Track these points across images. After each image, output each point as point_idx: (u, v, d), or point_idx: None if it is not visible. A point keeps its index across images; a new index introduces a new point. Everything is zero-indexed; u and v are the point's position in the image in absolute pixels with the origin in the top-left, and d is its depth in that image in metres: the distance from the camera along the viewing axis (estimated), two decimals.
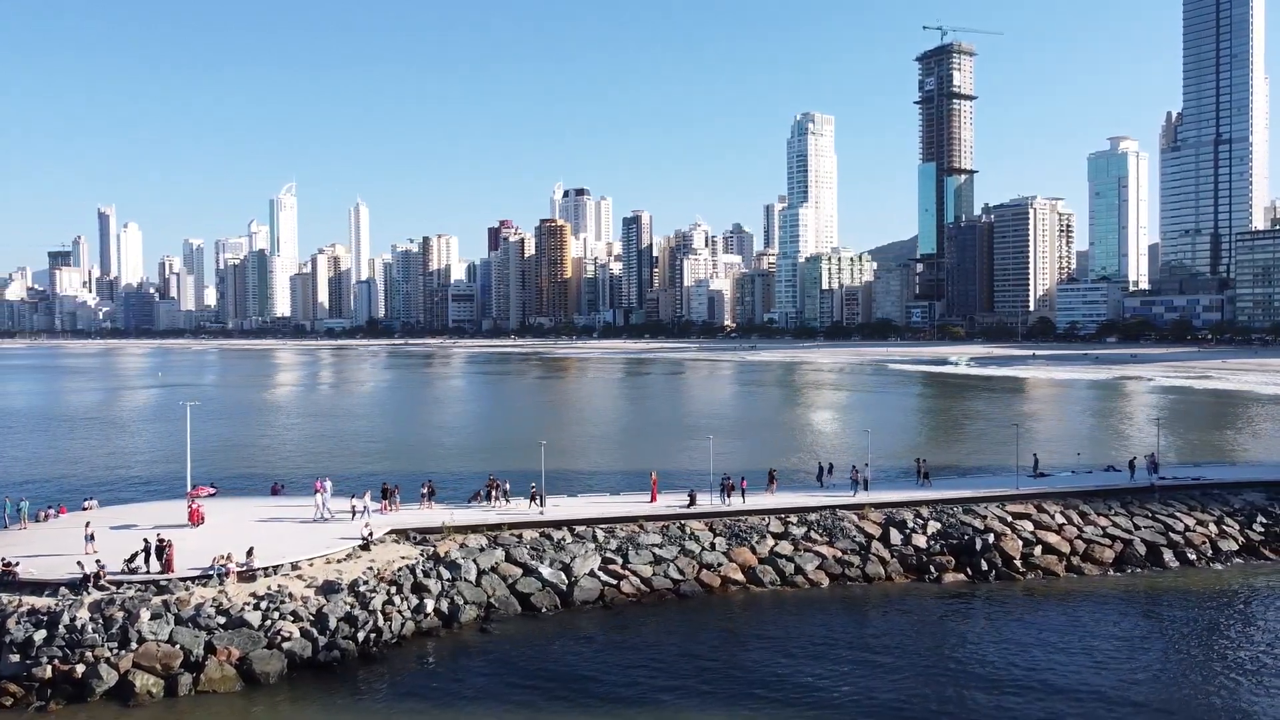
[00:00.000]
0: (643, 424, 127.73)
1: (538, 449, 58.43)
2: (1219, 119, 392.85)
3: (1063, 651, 39.99)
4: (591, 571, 47.24)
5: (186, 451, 58.06)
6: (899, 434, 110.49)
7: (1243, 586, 49.48)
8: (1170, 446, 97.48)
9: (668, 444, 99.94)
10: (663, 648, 40.06)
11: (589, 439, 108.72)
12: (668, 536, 51.04)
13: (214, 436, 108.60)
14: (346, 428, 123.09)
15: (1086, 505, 57.35)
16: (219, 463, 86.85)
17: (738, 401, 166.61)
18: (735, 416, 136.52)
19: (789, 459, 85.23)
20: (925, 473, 61.62)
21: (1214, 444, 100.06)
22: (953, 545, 52.40)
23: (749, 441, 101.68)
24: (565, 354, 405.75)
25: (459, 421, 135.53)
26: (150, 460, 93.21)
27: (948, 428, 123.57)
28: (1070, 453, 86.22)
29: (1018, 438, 71.08)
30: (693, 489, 55.15)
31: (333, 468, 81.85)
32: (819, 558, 50.48)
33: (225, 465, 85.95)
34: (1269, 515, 57.58)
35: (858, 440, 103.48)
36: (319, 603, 40.19)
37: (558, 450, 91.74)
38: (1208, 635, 42.34)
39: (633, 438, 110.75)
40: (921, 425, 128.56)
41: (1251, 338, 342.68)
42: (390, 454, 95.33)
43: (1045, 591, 48.71)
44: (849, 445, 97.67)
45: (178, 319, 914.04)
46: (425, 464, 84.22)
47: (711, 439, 72.25)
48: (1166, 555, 53.69)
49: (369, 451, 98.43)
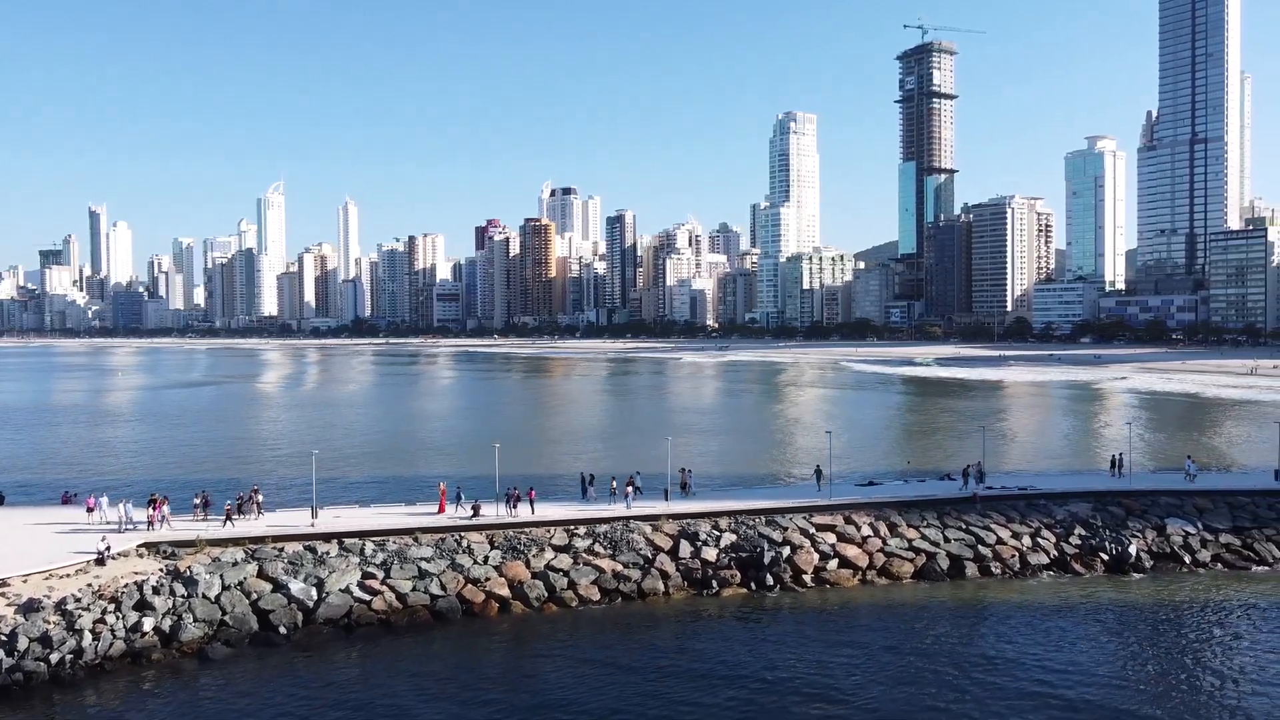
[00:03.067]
0: (532, 428, 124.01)
1: (396, 453, 56.92)
2: (1195, 118, 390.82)
3: (803, 661, 39.37)
4: (346, 587, 45.58)
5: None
6: (787, 438, 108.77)
7: (1027, 601, 47.79)
8: (1065, 450, 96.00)
9: (539, 449, 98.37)
10: (371, 681, 38.03)
11: (459, 443, 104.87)
12: (442, 549, 49.39)
13: (68, 440, 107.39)
14: (208, 434, 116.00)
15: (901, 516, 55.69)
16: (29, 470, 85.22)
17: (649, 404, 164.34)
18: (630, 420, 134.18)
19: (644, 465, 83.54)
20: (685, 483, 59.19)
21: (1099, 448, 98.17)
22: (742, 558, 50.77)
23: (622, 445, 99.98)
24: (539, 354, 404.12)
25: (349, 423, 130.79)
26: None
27: (842, 431, 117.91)
28: (946, 458, 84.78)
29: (895, 442, 69.59)
30: (478, 500, 53.41)
31: (162, 476, 79.76)
32: (597, 572, 48.82)
33: (34, 472, 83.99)
34: (1088, 527, 55.91)
35: (728, 445, 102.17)
36: (15, 622, 38.55)
37: (410, 455, 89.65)
38: (956, 649, 40.75)
39: (508, 443, 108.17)
40: (814, 429, 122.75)
41: (1224, 338, 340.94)
42: (224, 460, 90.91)
43: (820, 605, 47.11)
44: (715, 451, 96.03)
45: (166, 318, 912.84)
46: (253, 470, 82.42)
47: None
48: (970, 569, 52.15)
49: (202, 458, 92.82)
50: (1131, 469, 67.86)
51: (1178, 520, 57.05)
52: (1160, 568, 53.33)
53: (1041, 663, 39.11)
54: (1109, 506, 58.37)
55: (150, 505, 50.80)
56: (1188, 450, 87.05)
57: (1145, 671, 38.76)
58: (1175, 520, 57.05)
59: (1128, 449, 77.82)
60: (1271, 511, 58.35)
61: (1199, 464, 72.11)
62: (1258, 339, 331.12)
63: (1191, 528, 56.46)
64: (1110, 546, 54.05)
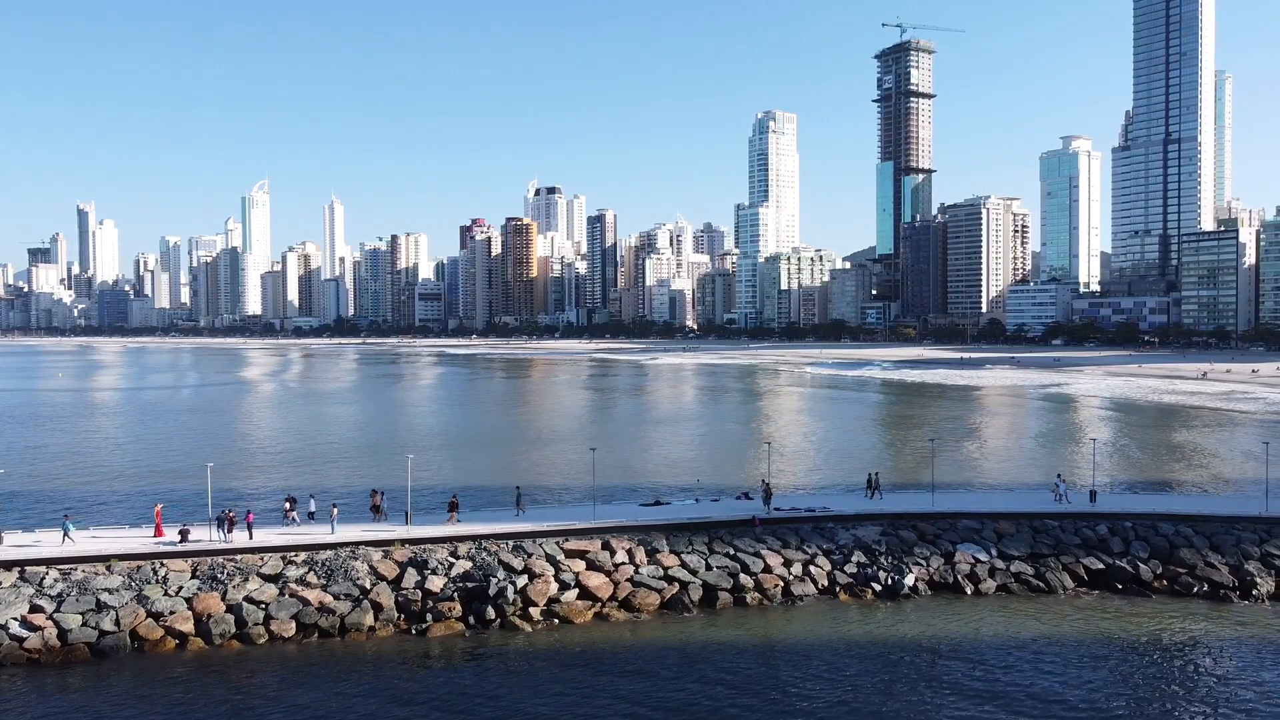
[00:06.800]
0: (412, 435, 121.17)
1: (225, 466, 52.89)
2: (1169, 118, 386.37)
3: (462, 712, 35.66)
4: (4, 623, 41.63)
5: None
6: (640, 450, 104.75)
7: (770, 635, 43.84)
8: (915, 465, 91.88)
9: (395, 459, 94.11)
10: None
11: (318, 455, 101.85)
12: (133, 580, 45.39)
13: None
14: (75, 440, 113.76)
15: (667, 541, 51.69)
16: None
17: (559, 410, 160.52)
18: (520, 428, 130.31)
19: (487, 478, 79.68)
20: (379, 506, 54.69)
21: (981, 461, 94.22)
22: (469, 589, 46.77)
23: (483, 458, 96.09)
24: (511, 354, 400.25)
25: (245, 432, 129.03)
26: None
27: (699, 442, 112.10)
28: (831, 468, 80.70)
29: (767, 454, 65.49)
30: (186, 525, 49.40)
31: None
32: (300, 604, 44.82)
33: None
34: (869, 554, 51.93)
35: (565, 457, 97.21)
36: None
37: (179, 473, 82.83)
38: (653, 694, 36.76)
39: (384, 453, 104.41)
40: (666, 440, 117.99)
41: (1194, 341, 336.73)
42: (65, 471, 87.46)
43: (528, 646, 42.93)
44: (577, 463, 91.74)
45: (151, 317, 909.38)
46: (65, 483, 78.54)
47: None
48: (723, 599, 48.21)
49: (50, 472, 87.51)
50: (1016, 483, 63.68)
51: (970, 547, 53.08)
52: (938, 597, 49.42)
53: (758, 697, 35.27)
54: (900, 530, 54.37)
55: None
56: (1059, 467, 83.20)
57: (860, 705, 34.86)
58: (968, 546, 53.08)
59: (1013, 462, 73.88)
60: (1076, 537, 54.32)
61: (1069, 483, 67.92)
62: (1227, 341, 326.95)
63: (984, 554, 52.50)
64: (885, 576, 50.10)
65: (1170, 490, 77.13)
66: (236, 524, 48.92)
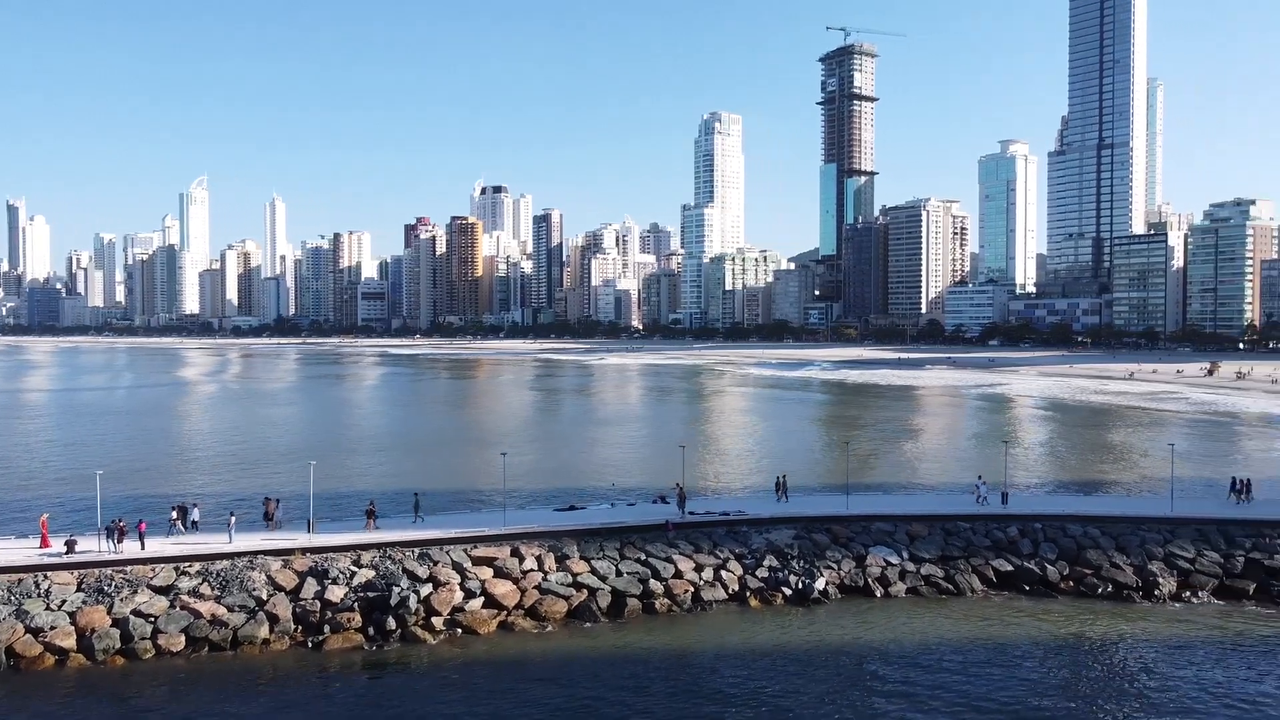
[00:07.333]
0: (311, 441, 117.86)
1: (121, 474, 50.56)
2: (1102, 123, 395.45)
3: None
4: None
5: None
6: (550, 452, 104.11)
7: (674, 643, 43.32)
8: (834, 467, 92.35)
9: (299, 466, 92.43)
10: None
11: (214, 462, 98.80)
12: (14, 593, 43.47)
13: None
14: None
15: (578, 547, 50.95)
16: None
17: (498, 412, 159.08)
18: (432, 432, 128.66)
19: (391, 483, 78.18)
20: (272, 514, 53.04)
21: (899, 462, 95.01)
22: (370, 599, 45.58)
23: (392, 464, 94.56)
24: (456, 354, 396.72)
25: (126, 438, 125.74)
26: None
27: (616, 445, 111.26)
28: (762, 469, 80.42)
29: (683, 461, 64.97)
30: (73, 535, 47.52)
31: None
32: (191, 617, 43.25)
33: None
34: (781, 558, 51.74)
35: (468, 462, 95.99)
36: None
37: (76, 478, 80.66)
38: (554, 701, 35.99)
39: (276, 459, 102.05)
40: (579, 442, 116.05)
41: (1124, 341, 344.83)
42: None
43: (429, 659, 41.84)
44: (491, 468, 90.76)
45: (84, 316, 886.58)
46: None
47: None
48: (632, 606, 47.61)
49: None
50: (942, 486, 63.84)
51: (882, 549, 53.14)
52: (849, 601, 49.36)
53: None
54: (814, 534, 54.27)
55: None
56: (984, 468, 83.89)
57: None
58: (880, 549, 53.14)
59: (941, 463, 74.04)
60: (987, 539, 54.68)
61: (990, 484, 67.88)
62: (1155, 342, 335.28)
63: (895, 557, 52.59)
64: (795, 580, 49.91)
65: (1085, 491, 78.22)
66: (128, 534, 47.12)
